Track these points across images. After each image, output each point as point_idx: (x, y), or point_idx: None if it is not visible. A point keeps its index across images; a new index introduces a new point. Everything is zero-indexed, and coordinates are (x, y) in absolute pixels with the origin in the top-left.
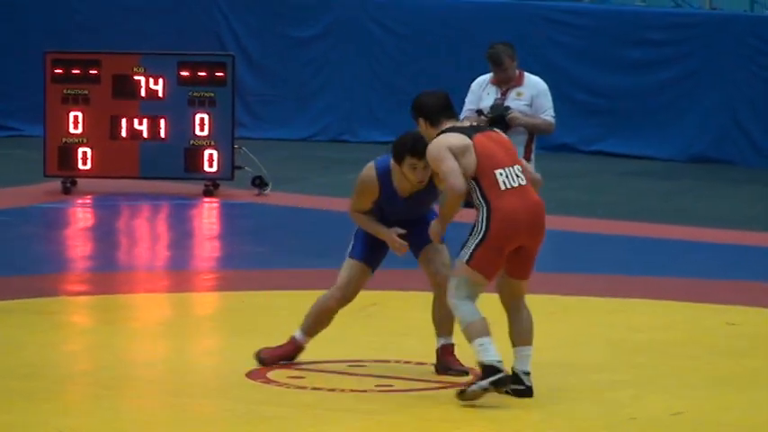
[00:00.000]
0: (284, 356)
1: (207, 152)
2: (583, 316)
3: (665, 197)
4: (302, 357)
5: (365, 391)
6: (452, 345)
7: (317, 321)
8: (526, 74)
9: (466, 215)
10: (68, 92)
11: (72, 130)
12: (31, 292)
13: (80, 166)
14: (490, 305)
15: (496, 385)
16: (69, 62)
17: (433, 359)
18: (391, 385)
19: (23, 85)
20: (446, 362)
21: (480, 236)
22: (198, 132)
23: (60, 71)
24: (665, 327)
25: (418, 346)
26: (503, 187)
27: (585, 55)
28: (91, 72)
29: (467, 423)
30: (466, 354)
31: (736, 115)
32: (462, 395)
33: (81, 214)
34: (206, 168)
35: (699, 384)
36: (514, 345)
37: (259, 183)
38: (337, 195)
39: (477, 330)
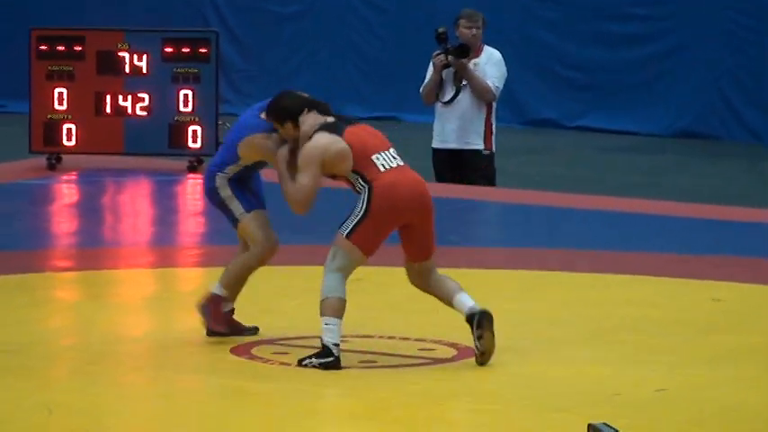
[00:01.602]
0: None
1: (191, 128)
2: (563, 292)
3: (649, 172)
4: (287, 333)
5: (349, 367)
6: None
7: (239, 281)
8: (485, 46)
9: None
10: (53, 68)
11: (57, 107)
12: (15, 268)
13: (65, 142)
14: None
15: (326, 367)
16: (54, 38)
17: (417, 334)
18: (375, 361)
19: (7, 62)
20: (235, 325)
21: (362, 213)
22: (182, 108)
23: (45, 47)
24: (648, 303)
25: (401, 321)
26: (382, 169)
27: (568, 29)
28: (75, 48)
29: (451, 398)
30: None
31: (720, 90)
32: (299, 363)
33: (66, 190)
34: (190, 144)
35: (683, 361)
36: (452, 300)
37: None
38: None
39: (331, 308)
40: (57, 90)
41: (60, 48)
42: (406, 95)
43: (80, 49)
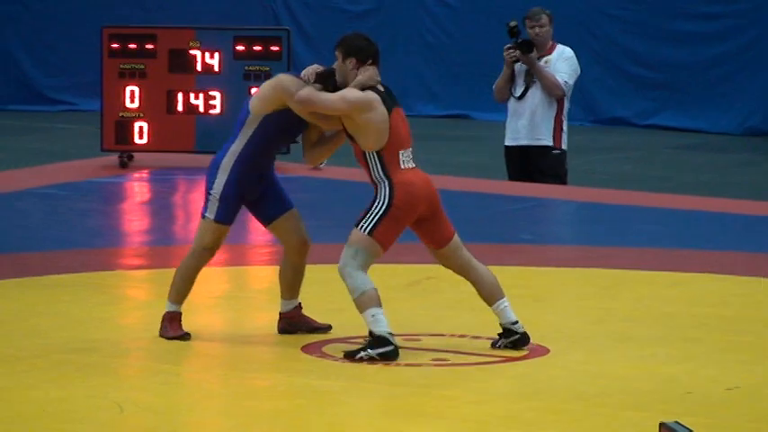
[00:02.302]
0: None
1: None
2: (636, 290)
3: (720, 170)
4: (357, 332)
5: (420, 365)
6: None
7: (187, 285)
8: (558, 45)
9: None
10: (125, 67)
11: (128, 105)
12: (87, 266)
13: (137, 140)
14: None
15: (385, 357)
16: (126, 37)
17: (489, 333)
18: (447, 359)
19: (79, 60)
20: (307, 321)
21: (383, 209)
22: None
23: (117, 46)
24: (720, 301)
25: (473, 320)
26: (402, 166)
27: (640, 28)
28: (147, 47)
29: (523, 396)
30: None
31: None
32: (350, 357)
33: (137, 188)
34: None
35: (756, 359)
36: (489, 304)
37: None
38: None
39: (370, 300)
40: (128, 88)
41: (132, 46)
42: (478, 93)
43: (152, 47)
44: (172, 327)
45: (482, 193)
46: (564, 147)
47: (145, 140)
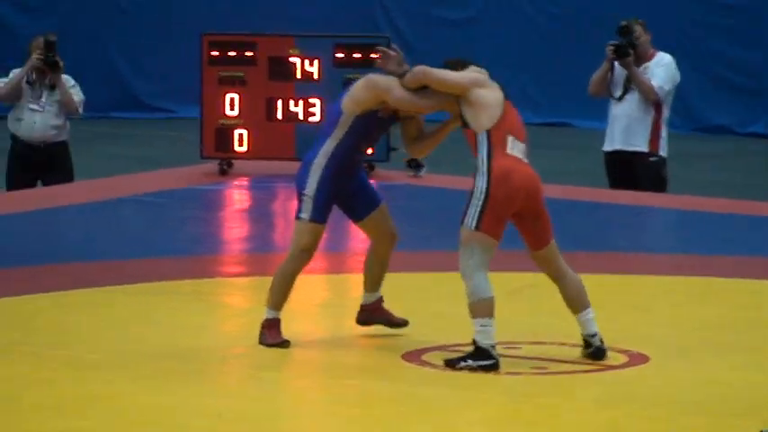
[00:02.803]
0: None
1: None
2: (734, 298)
3: None
4: (458, 340)
5: (520, 373)
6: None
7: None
8: (658, 52)
9: None
10: (224, 74)
11: (228, 112)
12: (187, 273)
13: (236, 147)
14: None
15: (486, 370)
16: (225, 44)
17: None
18: (546, 368)
19: (178, 68)
20: (386, 315)
21: (482, 199)
22: None
23: (216, 53)
24: None
25: (573, 328)
26: (509, 152)
27: (740, 36)
28: (247, 54)
29: (622, 404)
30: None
31: None
32: (451, 366)
33: (237, 196)
34: None
35: None
36: (574, 314)
37: (414, 164)
38: None
39: (484, 309)
40: (228, 96)
41: (231, 53)
42: (579, 101)
43: (251, 54)
44: (271, 334)
45: (581, 200)
46: (663, 153)
47: (245, 148)
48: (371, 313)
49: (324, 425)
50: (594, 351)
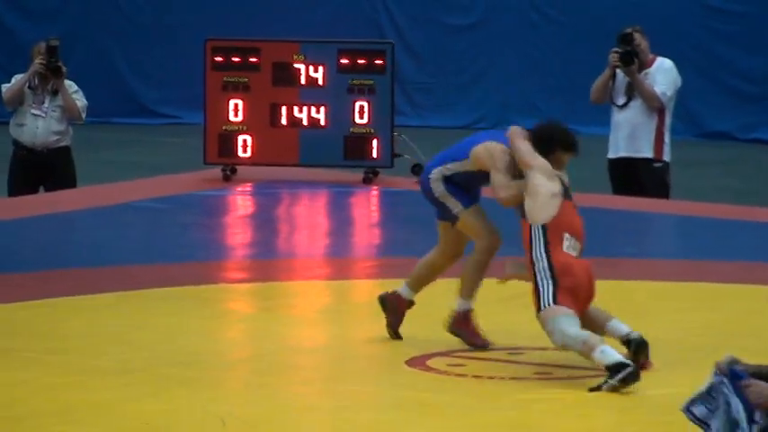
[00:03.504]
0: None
1: (366, 140)
2: (739, 304)
3: None
4: (462, 345)
5: (525, 378)
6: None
7: (476, 281)
8: (658, 57)
9: None
10: (228, 80)
11: (232, 118)
12: (190, 279)
13: (240, 153)
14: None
15: (628, 379)
16: (229, 50)
17: None
18: (550, 373)
19: (182, 74)
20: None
21: (550, 282)
22: (357, 120)
23: (220, 59)
24: None
25: None
26: (565, 249)
27: (743, 42)
28: (251, 60)
29: (628, 409)
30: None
31: None
32: (596, 389)
33: (241, 202)
34: (366, 156)
35: None
36: (603, 331)
37: (418, 170)
38: None
39: (593, 343)
40: (232, 101)
41: (236, 59)
42: (580, 107)
43: (255, 60)
44: (468, 328)
45: (584, 206)
46: (666, 159)
47: (248, 154)
48: (458, 328)
49: (326, 430)
50: (636, 344)
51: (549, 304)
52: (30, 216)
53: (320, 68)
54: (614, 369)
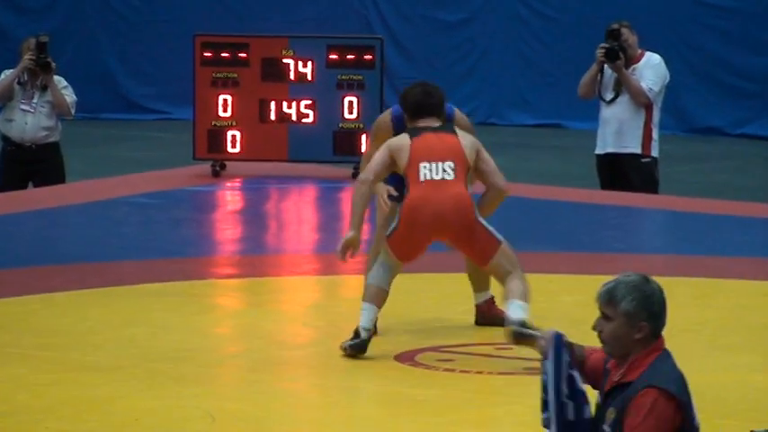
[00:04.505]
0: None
1: (356, 135)
2: (731, 299)
3: None
4: (450, 340)
5: (513, 373)
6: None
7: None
8: (646, 52)
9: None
10: (217, 75)
11: (221, 114)
12: (179, 274)
13: (229, 149)
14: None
15: (353, 349)
16: (218, 45)
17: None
18: (539, 368)
19: (172, 69)
20: (499, 314)
21: (396, 222)
22: (347, 115)
23: (209, 54)
24: None
25: (568, 329)
26: (422, 179)
27: (733, 37)
28: (240, 55)
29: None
30: None
31: None
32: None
33: (230, 197)
34: (355, 151)
35: None
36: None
37: None
38: None
39: (369, 294)
40: (221, 97)
41: (224, 55)
42: (571, 102)
43: (244, 55)
44: (495, 312)
45: (573, 202)
46: (654, 155)
47: (237, 149)
48: (484, 314)
49: (317, 426)
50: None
51: (387, 234)
52: (18, 212)
53: (309, 64)
54: (355, 332)
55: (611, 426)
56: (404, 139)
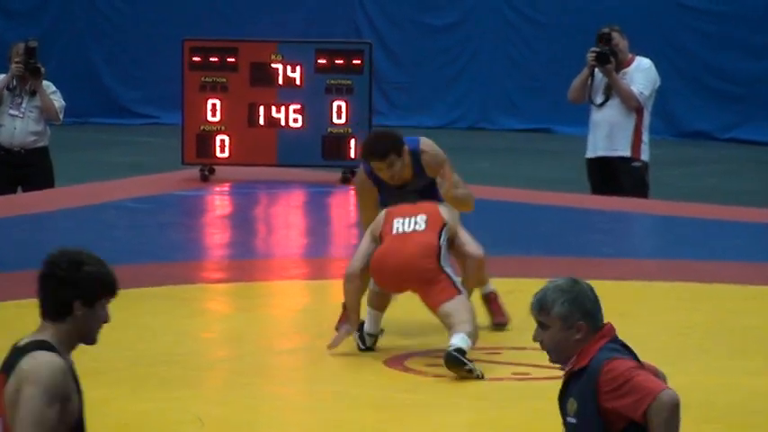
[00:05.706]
0: None
1: (344, 140)
2: (719, 303)
3: None
4: (439, 345)
5: (502, 378)
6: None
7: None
8: (637, 57)
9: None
10: (206, 80)
11: (210, 118)
12: (168, 279)
13: (218, 153)
14: None
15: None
16: (207, 50)
17: None
18: (528, 373)
19: (161, 74)
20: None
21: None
22: (335, 120)
23: (198, 59)
24: None
25: None
26: (394, 232)
27: (722, 42)
28: (228, 60)
29: None
30: None
31: None
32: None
33: (219, 202)
34: (343, 156)
35: None
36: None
37: None
38: (473, 183)
39: (370, 299)
40: (210, 101)
41: (213, 59)
42: (560, 107)
43: (233, 60)
44: (494, 306)
45: (563, 206)
46: (645, 158)
47: (226, 154)
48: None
49: (305, 430)
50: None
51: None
52: (7, 216)
53: (298, 68)
54: (360, 338)
55: (575, 416)
56: (381, 213)
